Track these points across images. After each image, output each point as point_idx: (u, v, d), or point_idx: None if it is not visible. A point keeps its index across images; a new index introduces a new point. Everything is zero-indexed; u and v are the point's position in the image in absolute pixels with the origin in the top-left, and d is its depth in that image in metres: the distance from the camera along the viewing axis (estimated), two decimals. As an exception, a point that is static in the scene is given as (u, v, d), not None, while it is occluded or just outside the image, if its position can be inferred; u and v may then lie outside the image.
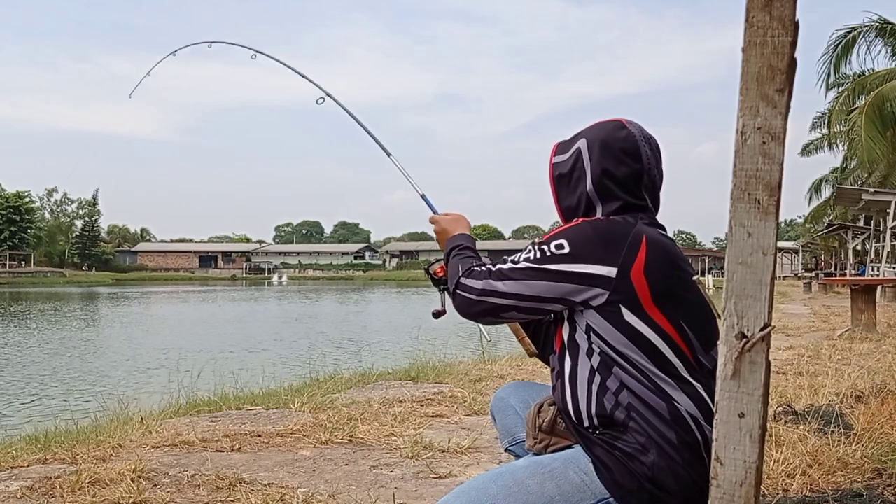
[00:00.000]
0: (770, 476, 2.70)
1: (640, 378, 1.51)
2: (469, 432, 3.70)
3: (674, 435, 1.47)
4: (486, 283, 1.60)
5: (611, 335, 1.52)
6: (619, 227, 1.57)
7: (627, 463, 1.48)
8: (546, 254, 1.55)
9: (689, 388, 1.51)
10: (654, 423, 1.48)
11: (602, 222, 1.60)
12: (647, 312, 1.51)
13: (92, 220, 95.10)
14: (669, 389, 1.50)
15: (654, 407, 1.49)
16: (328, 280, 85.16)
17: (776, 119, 1.10)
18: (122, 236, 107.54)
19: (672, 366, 1.51)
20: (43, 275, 75.76)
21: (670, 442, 1.47)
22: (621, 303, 1.50)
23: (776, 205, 1.12)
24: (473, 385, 5.16)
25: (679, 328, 1.52)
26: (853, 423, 3.43)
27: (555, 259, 1.54)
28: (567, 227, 1.59)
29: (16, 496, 2.71)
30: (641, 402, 1.50)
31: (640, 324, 1.51)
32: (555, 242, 1.56)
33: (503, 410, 1.94)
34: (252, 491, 2.76)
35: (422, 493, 2.81)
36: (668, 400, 1.49)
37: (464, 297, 1.63)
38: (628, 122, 1.70)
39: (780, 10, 1.08)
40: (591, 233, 1.56)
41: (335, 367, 7.70)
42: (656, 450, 1.47)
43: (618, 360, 1.52)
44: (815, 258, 50.35)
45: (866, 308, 9.34)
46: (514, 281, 1.57)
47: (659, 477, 1.46)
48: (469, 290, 1.62)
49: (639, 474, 1.48)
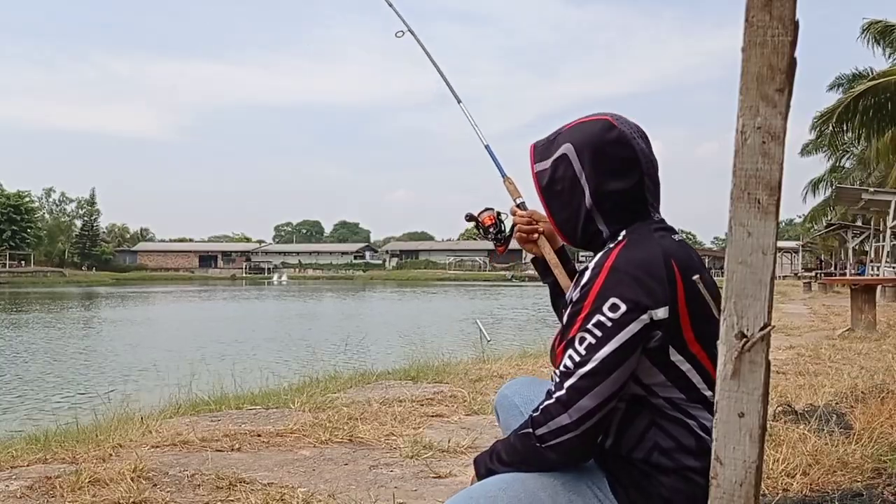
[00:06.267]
0: (770, 476, 2.69)
1: (671, 414, 1.45)
2: (469, 432, 3.69)
3: (696, 464, 1.42)
4: (569, 411, 1.39)
5: (651, 377, 1.44)
6: (653, 255, 1.43)
7: (643, 483, 1.44)
8: (607, 325, 1.37)
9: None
10: (678, 454, 1.44)
11: (633, 253, 1.44)
12: (690, 350, 1.44)
13: (91, 219, 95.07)
14: (699, 417, 1.45)
15: (681, 440, 1.44)
16: (328, 280, 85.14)
17: (776, 119, 1.10)
18: (121, 236, 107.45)
19: (704, 396, 1.45)
20: (43, 274, 75.73)
21: (692, 468, 1.43)
22: (671, 343, 1.42)
23: (776, 204, 1.12)
24: (473, 385, 5.16)
25: (712, 357, 1.44)
26: (853, 422, 3.43)
27: (619, 325, 1.37)
28: (602, 275, 1.41)
29: (16, 496, 2.71)
30: (668, 437, 1.45)
31: (683, 362, 1.44)
32: (606, 306, 1.38)
33: (507, 409, 1.87)
34: (252, 490, 2.76)
35: (422, 493, 2.81)
36: (694, 432, 1.44)
37: (565, 442, 1.39)
38: (616, 120, 1.56)
39: (780, 9, 1.08)
40: (634, 271, 1.40)
41: (335, 366, 7.70)
42: (676, 475, 1.43)
43: (651, 401, 1.45)
44: (817, 258, 50.30)
45: (866, 308, 9.34)
46: (599, 387, 1.38)
47: (675, 499, 1.43)
48: (561, 434, 1.39)
49: (654, 494, 1.43)
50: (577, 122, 1.60)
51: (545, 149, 1.61)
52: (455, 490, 2.82)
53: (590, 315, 1.39)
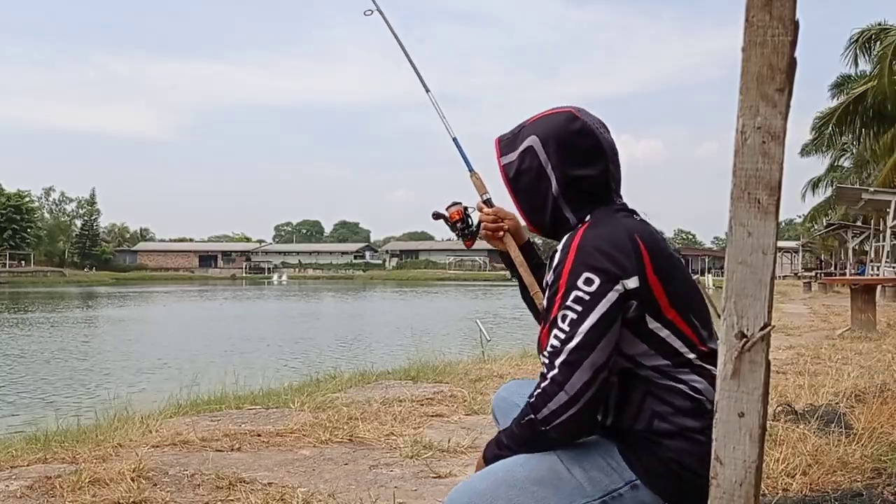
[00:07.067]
0: (770, 476, 2.70)
1: (661, 382, 1.50)
2: (469, 432, 3.69)
3: (696, 423, 1.49)
4: (565, 388, 1.43)
5: (633, 348, 1.50)
6: (617, 231, 1.51)
7: (654, 448, 1.50)
8: (585, 299, 1.43)
9: (705, 372, 1.51)
10: (677, 418, 1.49)
11: (601, 231, 1.51)
12: (667, 317, 1.49)
13: (91, 219, 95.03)
14: (688, 381, 1.51)
15: (676, 404, 1.50)
16: (328, 279, 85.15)
17: (776, 119, 1.10)
18: (121, 236, 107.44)
19: (688, 360, 1.51)
20: (43, 274, 75.71)
21: (693, 429, 1.49)
22: (646, 311, 1.48)
23: (776, 204, 1.12)
24: (473, 385, 5.16)
25: (691, 323, 1.52)
26: (853, 422, 3.43)
27: (596, 297, 1.43)
28: (571, 254, 1.48)
29: (16, 496, 2.71)
30: (664, 403, 1.50)
31: (661, 328, 1.49)
32: (581, 281, 1.44)
33: (506, 410, 1.90)
34: (252, 490, 2.76)
35: (422, 493, 2.81)
36: (688, 395, 1.50)
37: (566, 419, 1.43)
38: (578, 112, 1.62)
39: (780, 9, 1.08)
40: (601, 245, 1.47)
41: (335, 366, 7.71)
42: (680, 437, 1.49)
43: (640, 374, 1.51)
44: (817, 258, 50.30)
45: (866, 307, 9.33)
46: (589, 358, 1.42)
47: (685, 460, 1.48)
48: (561, 412, 1.43)
49: (665, 458, 1.49)
50: (541, 115, 1.66)
51: (510, 142, 1.66)
52: (455, 490, 2.83)
53: (567, 293, 1.45)
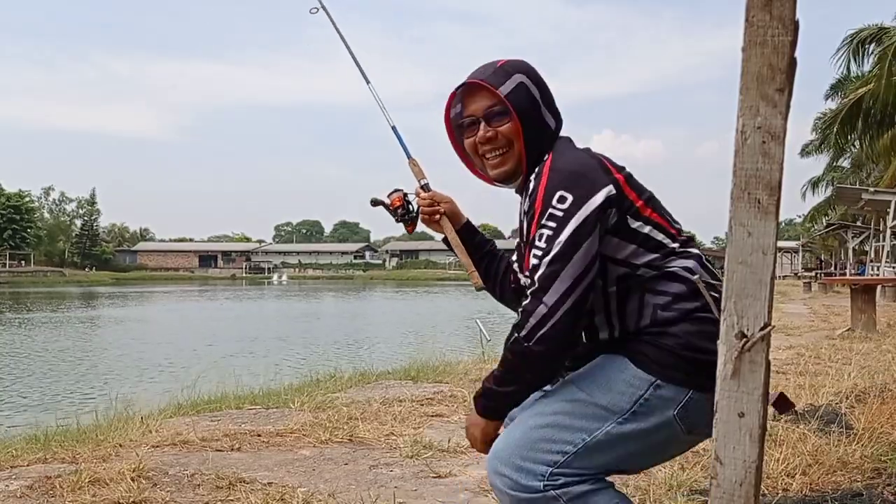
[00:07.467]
0: (770, 476, 2.70)
1: (654, 275, 1.56)
2: (469, 432, 3.69)
3: (696, 303, 1.53)
4: (544, 299, 1.46)
5: (624, 251, 1.55)
6: (581, 154, 1.60)
7: (661, 342, 1.52)
8: (559, 215, 1.48)
9: (690, 255, 1.59)
10: (677, 304, 1.53)
11: (569, 155, 1.59)
12: (645, 215, 1.57)
13: (91, 219, 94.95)
14: (679, 265, 1.56)
15: (673, 290, 1.54)
16: (328, 279, 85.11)
17: (776, 118, 1.10)
18: (121, 236, 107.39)
19: (673, 249, 1.58)
20: (43, 274, 75.67)
21: (693, 310, 1.53)
22: (626, 214, 1.55)
23: (776, 204, 1.12)
24: (473, 385, 5.16)
25: (666, 218, 1.61)
26: (853, 422, 3.43)
27: (570, 213, 1.47)
28: (544, 178, 1.53)
29: (16, 495, 2.71)
30: (662, 294, 1.55)
31: (643, 226, 1.56)
32: (555, 200, 1.49)
33: None
34: (252, 490, 2.76)
35: (422, 493, 2.81)
36: (681, 277, 1.55)
37: (547, 331, 1.45)
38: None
39: (780, 9, 1.08)
40: (571, 167, 1.54)
41: (335, 366, 7.70)
42: (684, 320, 1.52)
43: (635, 274, 1.56)
44: (817, 258, 50.28)
45: (866, 308, 9.33)
46: (566, 269, 1.45)
47: (693, 341, 1.50)
48: (543, 324, 1.45)
49: (673, 347, 1.51)
50: (507, 60, 1.71)
51: (496, 76, 1.66)
52: (455, 489, 2.83)
53: (542, 213, 1.50)
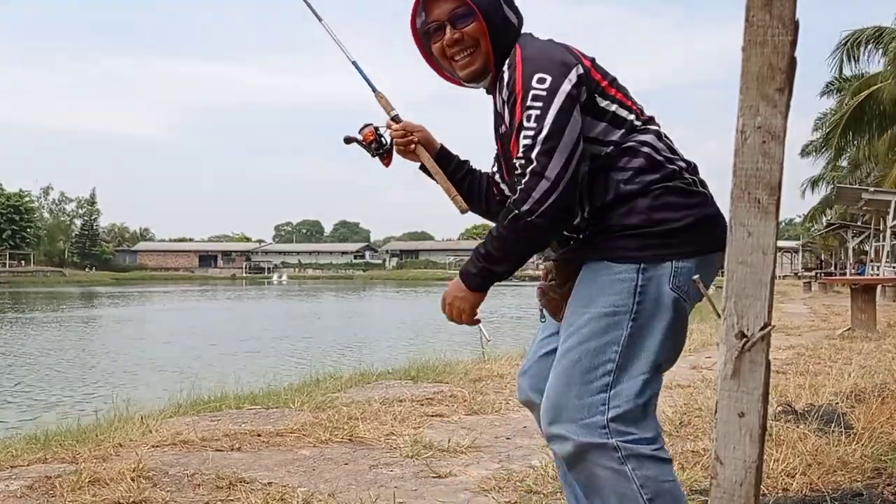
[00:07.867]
0: (770, 476, 2.70)
1: (618, 151, 1.60)
2: (469, 432, 3.70)
3: (656, 175, 1.59)
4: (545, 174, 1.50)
5: (594, 129, 1.59)
6: (547, 41, 1.65)
7: (625, 223, 1.57)
8: (542, 94, 1.53)
9: (651, 131, 1.64)
10: (638, 177, 1.58)
11: (536, 42, 1.65)
12: (611, 94, 1.63)
13: (91, 219, 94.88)
14: (636, 142, 1.61)
15: (634, 165, 1.59)
16: (328, 279, 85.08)
17: (776, 118, 1.10)
18: (121, 236, 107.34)
19: (636, 126, 1.64)
20: (43, 274, 75.64)
21: (654, 181, 1.58)
22: (595, 93, 1.60)
23: (776, 204, 1.12)
24: (473, 384, 5.16)
25: (629, 97, 1.66)
26: (853, 422, 3.43)
27: (552, 91, 1.53)
28: (519, 66, 1.58)
29: (16, 495, 2.71)
30: (625, 170, 1.59)
31: (610, 104, 1.62)
32: (534, 81, 1.54)
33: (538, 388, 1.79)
34: (252, 490, 2.76)
35: (422, 493, 2.81)
36: (641, 152, 1.60)
37: (553, 201, 1.50)
38: None
39: (780, 9, 1.08)
40: (542, 51, 1.60)
41: (335, 366, 7.71)
42: (644, 194, 1.57)
43: (602, 153, 1.60)
44: (817, 258, 50.28)
45: (866, 307, 9.33)
46: (562, 142, 1.50)
47: (653, 216, 1.56)
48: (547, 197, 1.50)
49: (638, 225, 1.56)
50: None
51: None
52: (455, 489, 2.83)
53: (524, 96, 1.54)
